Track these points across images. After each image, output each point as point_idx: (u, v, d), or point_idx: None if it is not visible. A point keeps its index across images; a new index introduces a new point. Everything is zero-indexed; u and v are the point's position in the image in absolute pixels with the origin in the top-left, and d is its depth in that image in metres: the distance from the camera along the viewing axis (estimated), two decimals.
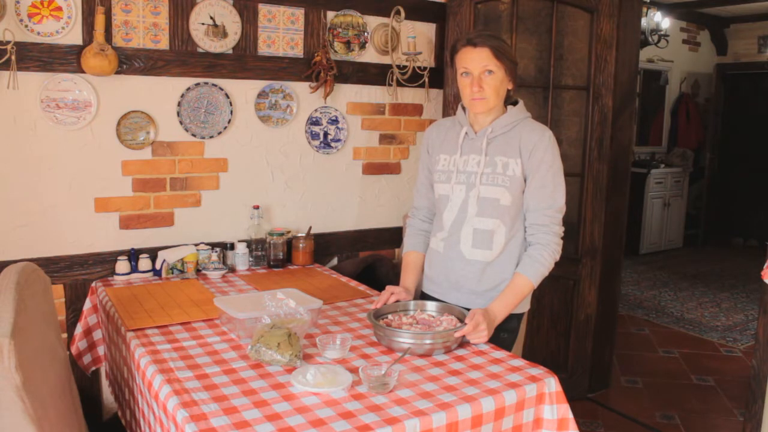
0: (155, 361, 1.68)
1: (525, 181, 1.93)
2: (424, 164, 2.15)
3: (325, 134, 2.97)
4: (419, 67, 3.09)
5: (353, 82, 3.01)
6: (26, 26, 2.27)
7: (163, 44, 2.54)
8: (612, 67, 3.12)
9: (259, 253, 2.73)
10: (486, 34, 1.90)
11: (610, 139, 3.17)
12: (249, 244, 2.72)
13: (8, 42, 2.20)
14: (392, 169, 3.21)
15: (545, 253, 1.91)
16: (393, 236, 3.22)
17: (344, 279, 2.60)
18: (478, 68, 1.88)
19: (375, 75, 3.06)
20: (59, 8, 2.32)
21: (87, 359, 2.44)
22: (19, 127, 2.33)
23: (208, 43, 2.61)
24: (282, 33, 2.80)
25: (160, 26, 2.52)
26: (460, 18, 3.02)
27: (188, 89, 2.60)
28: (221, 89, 2.67)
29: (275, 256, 2.74)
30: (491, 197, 1.93)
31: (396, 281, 2.14)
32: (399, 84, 3.08)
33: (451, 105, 3.07)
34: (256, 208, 2.75)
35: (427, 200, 2.17)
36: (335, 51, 2.93)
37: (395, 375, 1.56)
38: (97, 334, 2.44)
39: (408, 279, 2.12)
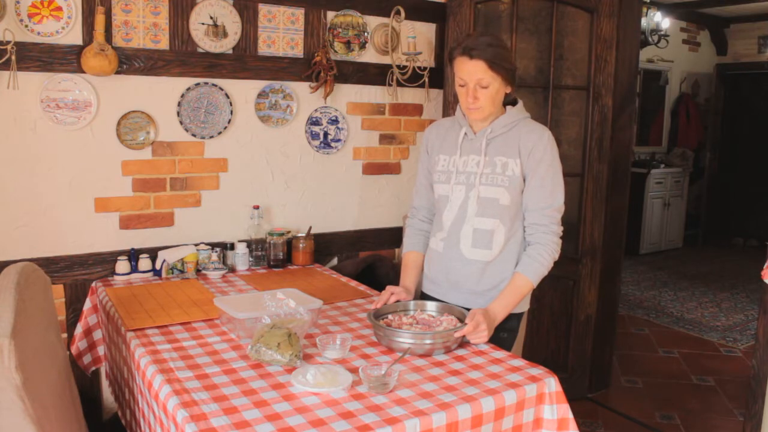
0: (155, 361, 1.68)
1: (524, 181, 1.94)
2: (424, 165, 2.15)
3: (325, 134, 2.97)
4: (419, 67, 3.09)
5: (353, 82, 3.01)
6: (26, 26, 2.27)
7: (163, 44, 2.54)
8: (612, 67, 3.12)
9: (259, 253, 2.73)
10: (483, 43, 1.84)
11: (610, 139, 3.17)
12: (249, 244, 2.72)
13: (8, 42, 2.20)
14: (392, 169, 3.21)
15: (545, 252, 1.91)
16: (393, 236, 3.22)
17: (344, 279, 2.60)
18: (473, 81, 1.87)
19: (375, 75, 3.06)
20: (59, 8, 2.32)
21: (87, 359, 2.44)
22: (19, 127, 2.33)
23: (208, 43, 2.61)
24: (282, 33, 2.80)
25: (160, 26, 2.52)
26: (460, 18, 3.02)
27: (188, 89, 2.60)
28: (221, 89, 2.67)
29: (275, 256, 2.74)
30: (491, 197, 1.93)
31: (396, 281, 2.14)
32: (399, 84, 3.08)
33: (451, 105, 3.07)
34: (256, 208, 2.75)
35: (427, 201, 2.17)
36: (335, 51, 2.93)
37: (395, 375, 1.56)
38: (97, 334, 2.44)
39: (408, 278, 2.12)
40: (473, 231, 1.96)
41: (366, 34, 3.01)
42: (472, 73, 1.86)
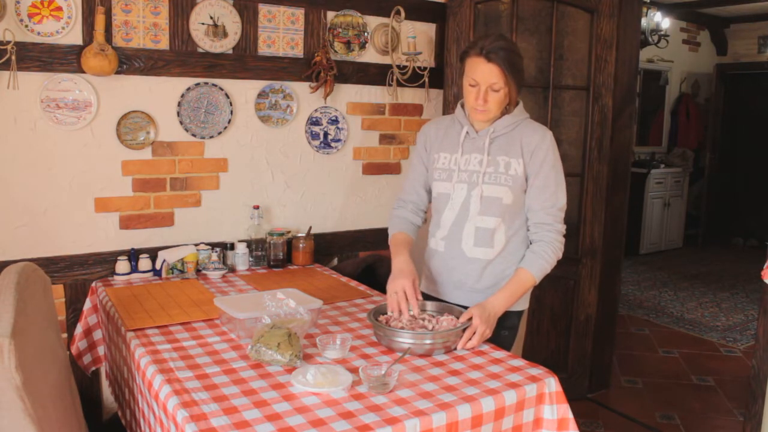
0: (155, 361, 1.68)
1: (526, 180, 1.94)
2: (421, 160, 2.12)
3: (325, 134, 2.97)
4: (419, 67, 3.09)
5: (353, 82, 3.01)
6: (26, 26, 2.27)
7: (163, 44, 2.54)
8: (612, 67, 3.12)
9: (259, 253, 2.73)
10: (501, 47, 1.84)
11: (610, 139, 3.17)
12: (249, 244, 2.72)
13: (8, 42, 2.20)
14: (392, 169, 3.21)
15: (549, 249, 1.92)
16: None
17: (344, 279, 2.60)
18: (486, 83, 1.86)
19: (375, 75, 3.06)
20: (59, 8, 2.32)
21: (87, 359, 2.44)
22: (19, 127, 2.33)
23: (208, 43, 2.61)
24: (282, 33, 2.80)
25: (160, 26, 2.52)
26: (460, 18, 3.02)
27: (188, 89, 2.60)
28: (221, 89, 2.67)
29: (275, 256, 2.74)
30: (494, 196, 1.93)
31: None
32: (399, 84, 3.08)
33: (450, 105, 3.07)
34: (256, 208, 2.75)
35: (417, 196, 2.15)
36: (335, 51, 2.93)
37: (395, 375, 1.56)
38: (97, 334, 2.44)
39: (403, 256, 1.98)
40: (475, 229, 1.96)
41: (366, 34, 3.01)
42: (486, 76, 1.85)
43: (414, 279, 1.92)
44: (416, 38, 3.01)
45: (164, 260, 2.52)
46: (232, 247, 2.70)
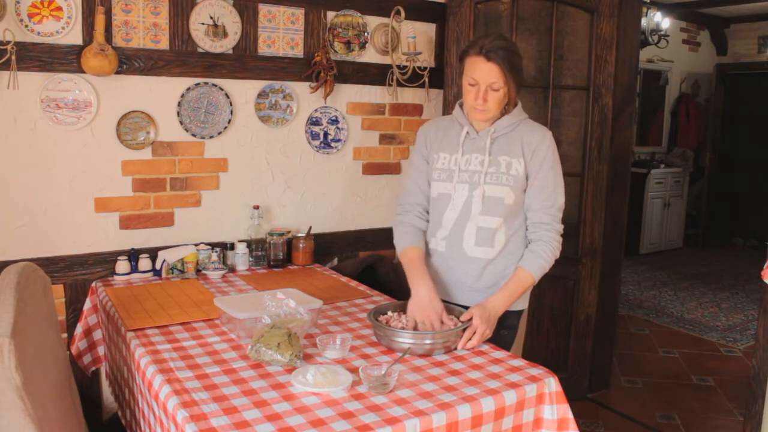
0: (155, 361, 1.68)
1: (527, 179, 1.95)
2: (423, 158, 2.10)
3: (325, 134, 2.97)
4: (419, 67, 3.09)
5: (353, 82, 3.01)
6: (26, 26, 2.27)
7: (163, 44, 2.54)
8: (612, 67, 3.12)
9: (259, 253, 2.73)
10: (500, 47, 1.84)
11: (610, 139, 3.17)
12: (249, 244, 2.72)
13: (8, 42, 2.20)
14: (392, 169, 3.21)
15: (547, 249, 1.93)
16: (393, 236, 3.21)
17: (344, 279, 2.60)
18: (486, 83, 1.86)
19: (375, 75, 3.06)
20: (59, 8, 2.32)
21: (87, 359, 2.44)
22: (19, 127, 2.33)
23: (208, 43, 2.61)
24: (282, 33, 2.80)
25: (160, 26, 2.52)
26: (460, 18, 3.02)
27: (188, 89, 2.60)
28: (221, 89, 2.67)
29: (275, 256, 2.74)
30: (496, 196, 1.94)
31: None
32: (399, 84, 3.08)
33: (450, 105, 3.07)
34: (256, 208, 2.75)
35: (423, 194, 2.11)
36: (335, 51, 2.93)
37: (395, 375, 1.56)
38: (97, 334, 2.44)
39: (427, 284, 1.92)
40: (477, 229, 1.96)
41: (366, 34, 3.01)
42: (486, 75, 1.85)
43: (441, 311, 1.86)
44: (416, 38, 3.01)
45: (164, 260, 2.52)
46: (232, 247, 2.70)
